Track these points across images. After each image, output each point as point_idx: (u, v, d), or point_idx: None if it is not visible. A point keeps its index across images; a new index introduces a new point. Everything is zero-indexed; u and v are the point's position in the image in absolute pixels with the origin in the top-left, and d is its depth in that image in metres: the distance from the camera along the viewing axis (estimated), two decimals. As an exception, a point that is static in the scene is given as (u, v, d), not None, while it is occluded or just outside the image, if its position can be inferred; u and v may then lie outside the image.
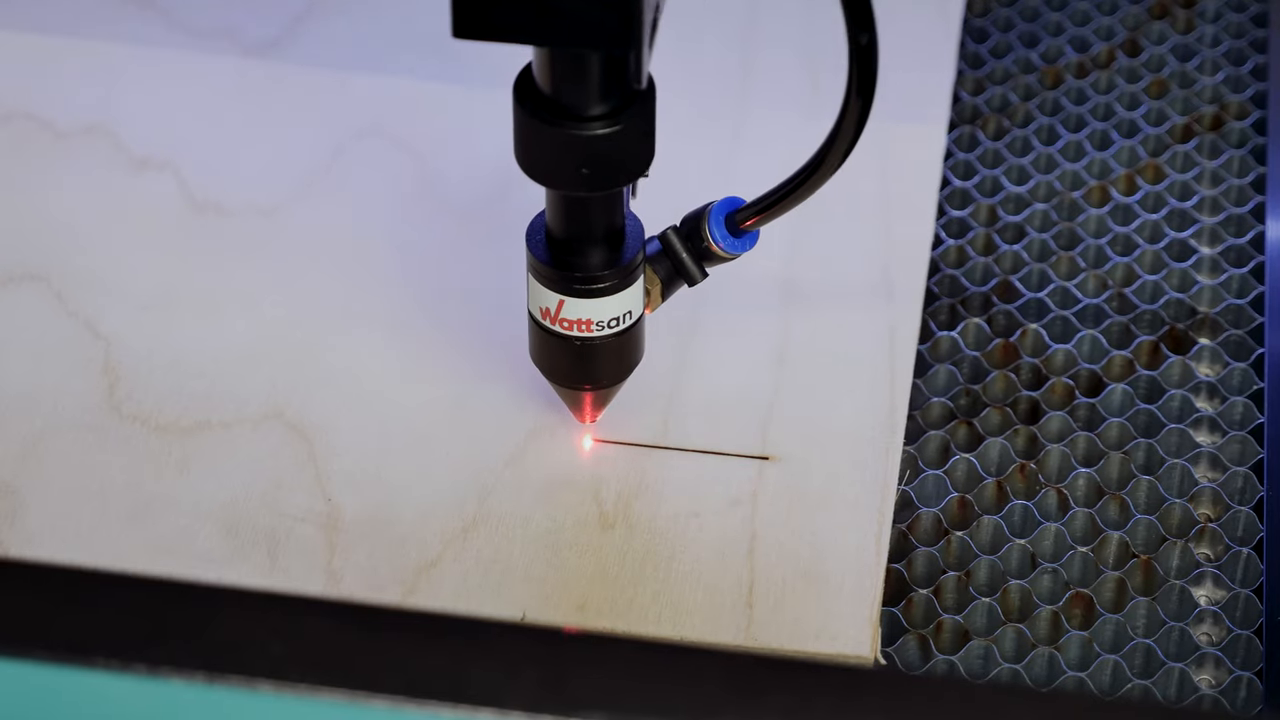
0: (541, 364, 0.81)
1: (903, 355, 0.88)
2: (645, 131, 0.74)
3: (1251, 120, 1.00)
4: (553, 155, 0.73)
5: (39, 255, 0.92)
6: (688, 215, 0.80)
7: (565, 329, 0.78)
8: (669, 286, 0.80)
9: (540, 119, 0.72)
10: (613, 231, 0.77)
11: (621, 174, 0.74)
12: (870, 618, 0.79)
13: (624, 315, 0.79)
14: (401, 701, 0.59)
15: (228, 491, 0.83)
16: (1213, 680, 0.80)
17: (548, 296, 0.78)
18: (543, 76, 0.72)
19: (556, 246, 0.77)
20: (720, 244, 0.80)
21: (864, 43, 0.71)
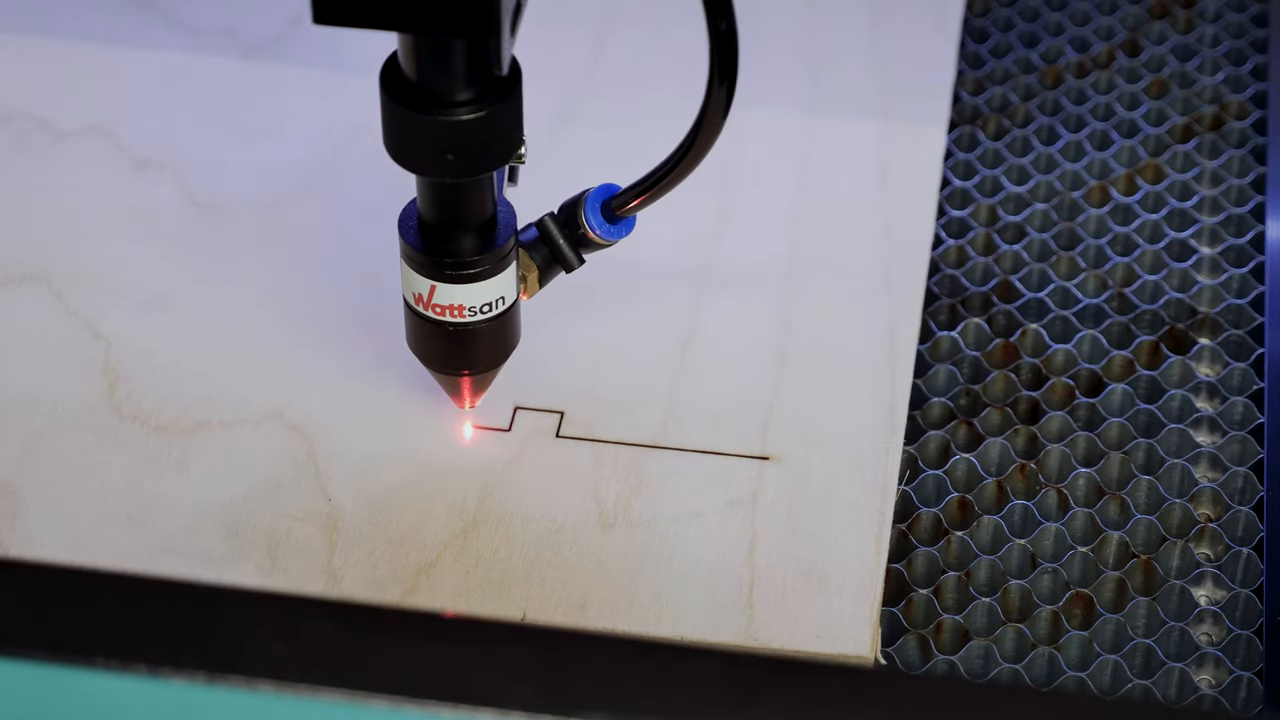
0: (417, 350, 0.82)
1: (903, 355, 0.88)
2: (510, 117, 0.74)
3: (1251, 120, 1.00)
4: (418, 142, 0.74)
5: (39, 255, 0.92)
6: (565, 202, 0.81)
7: (438, 314, 0.79)
8: (546, 273, 0.81)
9: (405, 106, 0.73)
10: (483, 217, 0.78)
11: (487, 160, 0.75)
12: (870, 618, 0.79)
13: (497, 301, 0.79)
14: (401, 701, 0.59)
15: (228, 491, 0.83)
16: (1213, 680, 0.80)
17: (419, 282, 0.79)
18: (407, 63, 0.73)
19: (428, 232, 0.78)
20: (596, 230, 0.81)
21: (723, 29, 0.72)
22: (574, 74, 1.01)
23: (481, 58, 0.72)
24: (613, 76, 1.01)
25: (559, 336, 0.89)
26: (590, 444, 0.85)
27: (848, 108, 0.99)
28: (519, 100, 0.74)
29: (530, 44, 1.03)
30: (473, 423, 0.85)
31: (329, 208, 0.94)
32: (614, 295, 0.91)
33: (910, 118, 0.99)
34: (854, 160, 0.97)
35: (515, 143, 0.75)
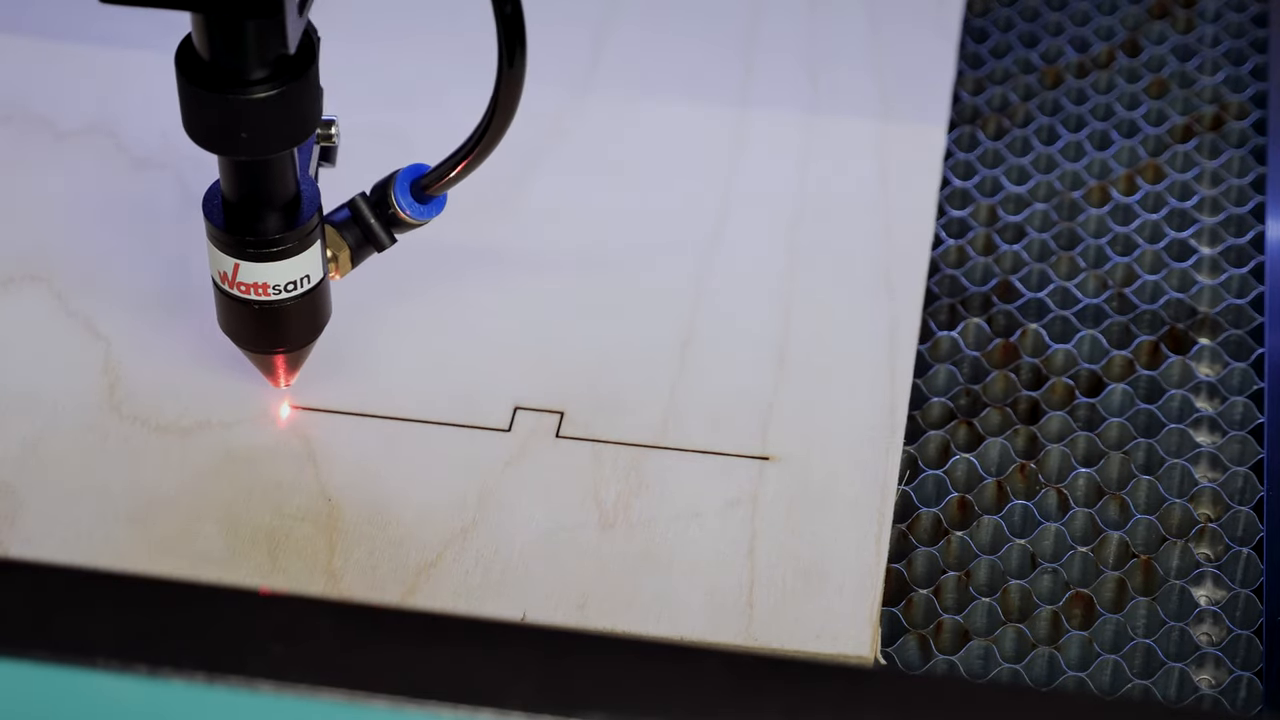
0: (227, 329, 0.82)
1: (903, 355, 0.88)
2: (304, 96, 0.75)
3: (1251, 120, 1.00)
4: (212, 121, 0.74)
5: (39, 255, 0.92)
6: (376, 183, 0.82)
7: (243, 293, 0.80)
8: (358, 253, 0.82)
9: (197, 84, 0.73)
10: (285, 196, 0.78)
11: (282, 138, 0.75)
12: (870, 618, 0.79)
13: (302, 279, 0.80)
14: (401, 701, 0.59)
15: (228, 491, 0.83)
16: (1213, 680, 0.80)
17: (224, 260, 0.79)
18: (198, 42, 0.73)
19: (230, 211, 0.78)
20: (407, 211, 0.82)
21: (509, 12, 0.74)
22: (574, 74, 1.01)
23: (270, 36, 0.72)
24: (613, 76, 1.01)
25: (559, 336, 0.89)
26: (590, 444, 0.85)
27: (848, 108, 0.99)
28: (314, 79, 0.75)
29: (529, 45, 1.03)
30: (290, 402, 0.85)
31: (328, 207, 0.94)
32: (614, 295, 0.91)
33: (910, 118, 0.99)
34: (854, 160, 0.97)
35: (312, 121, 0.76)
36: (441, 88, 0.99)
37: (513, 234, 0.94)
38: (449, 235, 0.93)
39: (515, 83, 0.76)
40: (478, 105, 0.79)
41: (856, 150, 0.98)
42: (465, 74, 0.89)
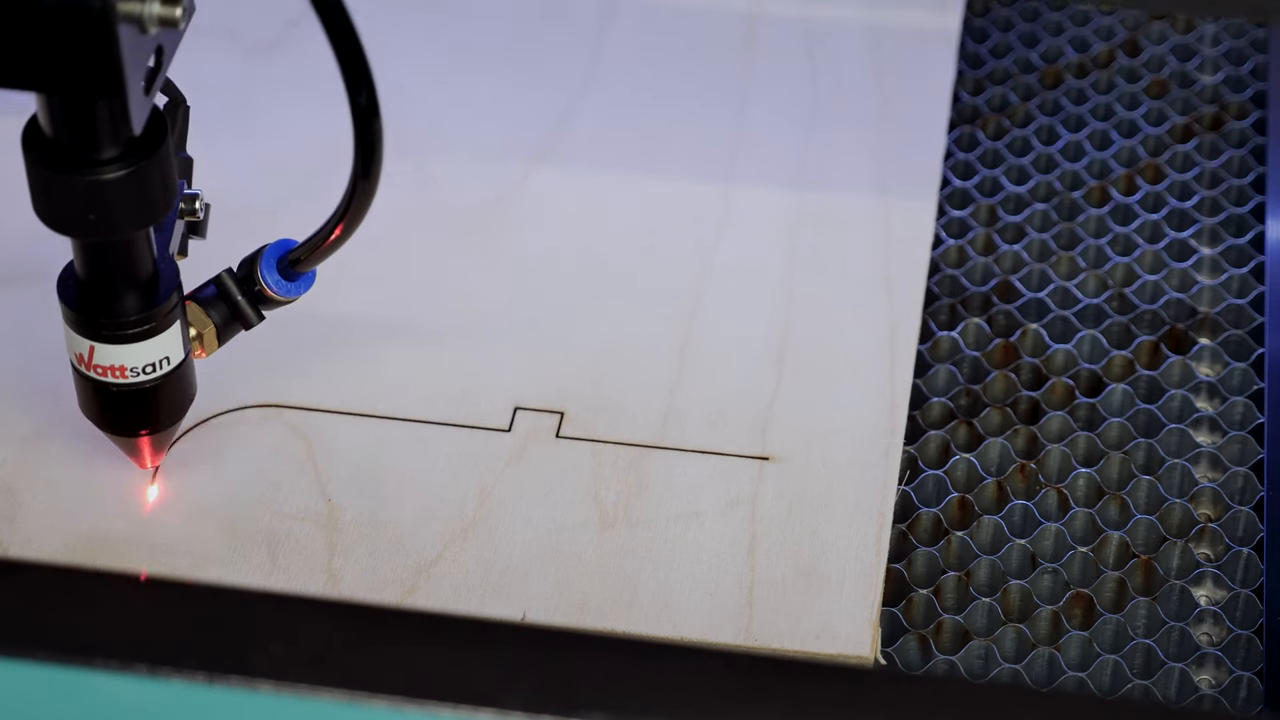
0: (86, 410, 0.79)
1: (903, 355, 0.88)
2: (154, 176, 0.71)
3: (1251, 120, 1.00)
4: (60, 201, 0.71)
5: (39, 255, 0.92)
6: (244, 259, 0.80)
7: (100, 375, 0.77)
8: (225, 330, 0.80)
9: (44, 164, 0.70)
10: (139, 276, 0.75)
11: (131, 220, 0.72)
12: (870, 618, 0.79)
13: (161, 361, 0.77)
14: (401, 702, 0.59)
15: (228, 491, 0.83)
16: (1213, 680, 0.80)
17: (79, 342, 0.76)
18: (44, 121, 0.70)
19: (84, 291, 0.75)
20: (274, 288, 0.79)
21: (363, 104, 0.72)
22: (574, 75, 1.01)
23: (114, 117, 0.69)
24: (612, 76, 1.01)
25: (559, 336, 0.89)
26: (590, 444, 0.85)
27: (848, 108, 0.99)
28: (164, 158, 0.72)
29: (529, 47, 1.03)
30: (157, 487, 0.83)
31: (328, 208, 0.94)
32: (614, 296, 0.91)
33: (910, 118, 0.99)
34: (854, 160, 0.97)
35: (165, 202, 0.72)
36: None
37: (512, 234, 0.94)
38: (448, 235, 0.93)
39: (373, 184, 0.74)
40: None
41: (856, 150, 0.98)
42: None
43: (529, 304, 0.90)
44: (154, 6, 0.65)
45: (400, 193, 0.95)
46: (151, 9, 0.65)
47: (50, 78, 0.66)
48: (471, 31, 1.03)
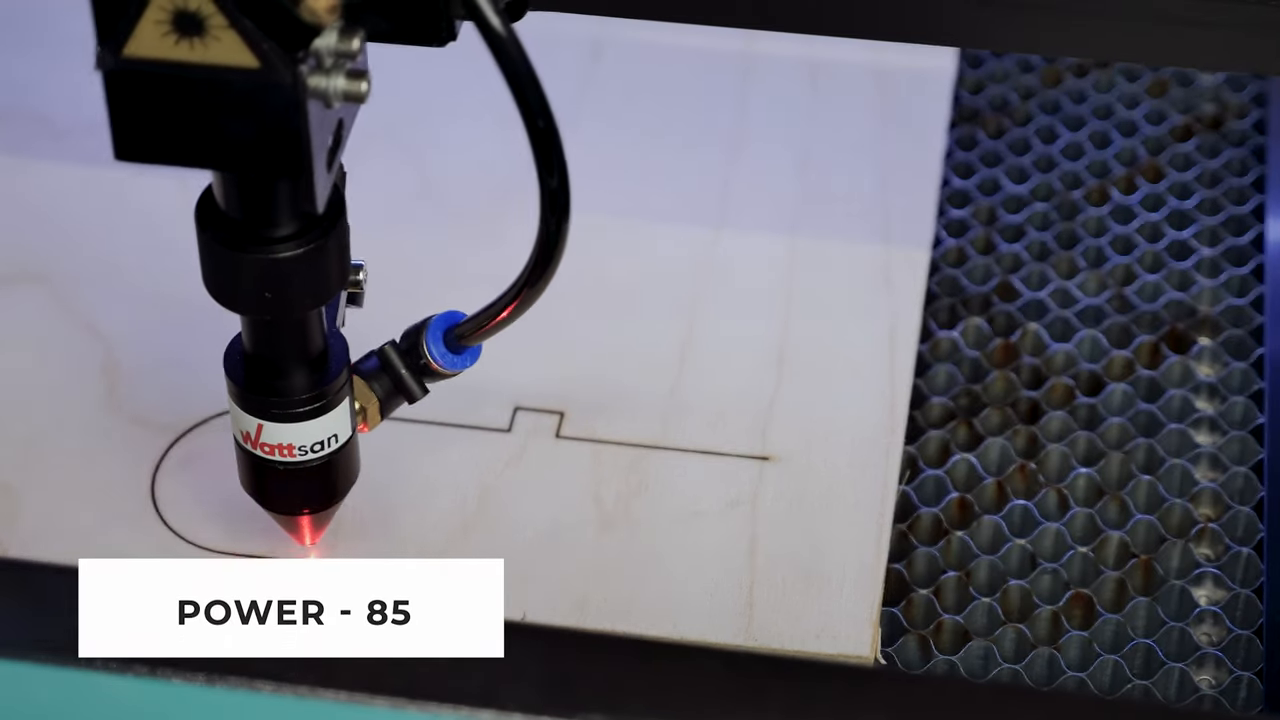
0: (249, 488, 0.78)
1: (903, 355, 0.88)
2: (332, 254, 0.70)
3: (1251, 120, 1.00)
4: (234, 279, 0.70)
5: (39, 255, 0.92)
6: (407, 330, 0.78)
7: (266, 453, 0.75)
8: (388, 403, 0.78)
9: (219, 242, 0.69)
10: (310, 353, 0.74)
11: (307, 298, 0.71)
12: (870, 618, 0.79)
13: (329, 439, 0.75)
14: (401, 702, 0.59)
15: (228, 491, 0.83)
16: (1213, 680, 0.80)
17: (246, 420, 0.75)
18: (220, 198, 0.69)
19: (252, 369, 0.74)
20: (439, 361, 0.77)
21: (553, 186, 0.69)
22: (575, 73, 1.01)
23: (297, 195, 0.68)
24: (612, 76, 1.01)
25: (559, 336, 0.89)
26: (590, 444, 0.85)
27: (848, 108, 0.99)
28: (342, 235, 0.71)
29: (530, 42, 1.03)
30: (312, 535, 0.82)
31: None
32: (614, 295, 0.91)
33: (910, 118, 0.99)
34: (854, 160, 0.97)
35: (340, 279, 0.71)
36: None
37: (512, 233, 0.94)
38: (447, 235, 0.93)
39: (558, 241, 0.71)
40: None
41: (856, 150, 0.98)
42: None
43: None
44: (339, 81, 0.64)
45: (401, 191, 0.95)
46: (337, 84, 0.64)
47: (235, 156, 0.65)
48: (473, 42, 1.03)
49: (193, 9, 0.62)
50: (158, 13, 0.63)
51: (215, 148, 0.65)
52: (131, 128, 0.65)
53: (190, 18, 0.62)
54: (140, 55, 0.64)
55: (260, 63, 0.63)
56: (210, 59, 0.63)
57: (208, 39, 0.63)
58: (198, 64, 0.63)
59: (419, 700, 0.59)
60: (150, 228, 0.93)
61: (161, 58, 0.63)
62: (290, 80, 0.63)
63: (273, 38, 0.62)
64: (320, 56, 0.63)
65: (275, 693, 0.59)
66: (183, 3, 0.62)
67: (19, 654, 0.60)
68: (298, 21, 0.63)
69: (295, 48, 0.63)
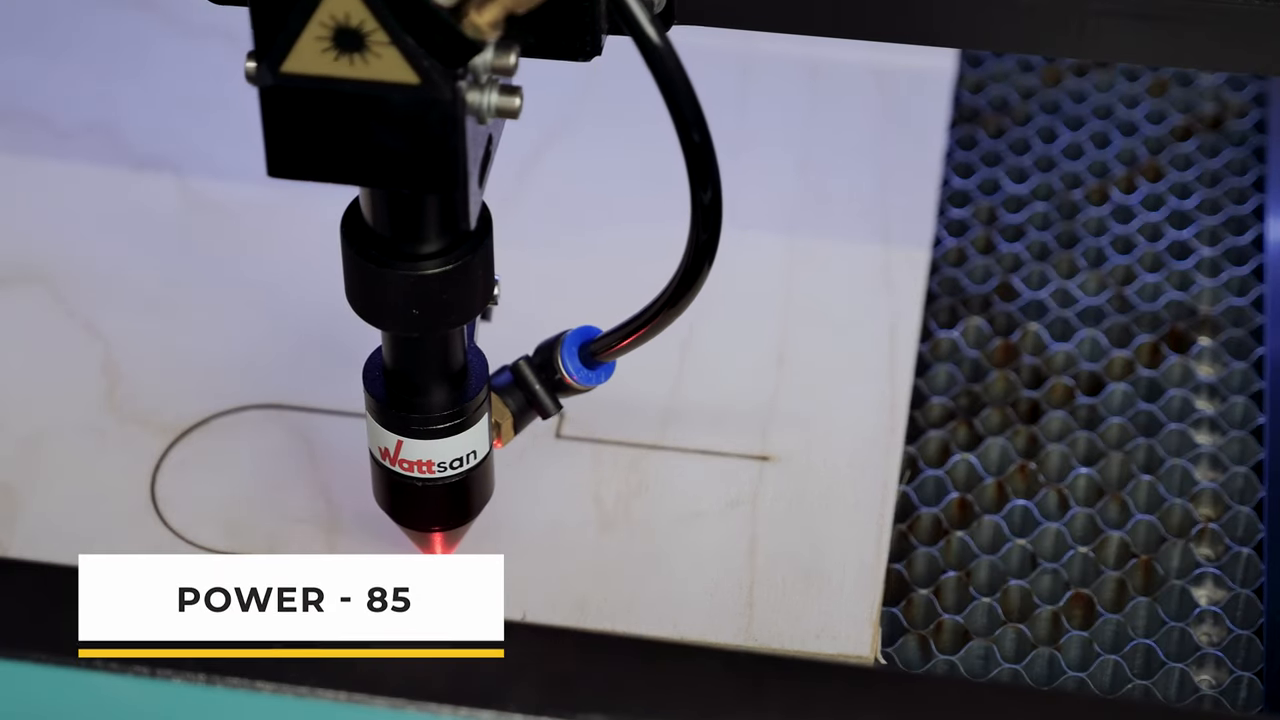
0: (383, 504, 0.77)
1: (903, 355, 0.88)
2: (479, 271, 0.70)
3: (1251, 120, 1.00)
4: (381, 295, 0.70)
5: (39, 255, 0.92)
6: (541, 345, 0.77)
7: (405, 470, 0.75)
8: (521, 419, 0.77)
9: (367, 257, 0.69)
10: (451, 371, 0.73)
11: (454, 315, 0.70)
12: (870, 618, 0.79)
13: (468, 455, 0.75)
14: (401, 702, 0.59)
15: (228, 491, 0.83)
16: (1213, 680, 0.80)
17: (385, 436, 0.74)
18: (369, 214, 0.69)
19: (393, 385, 0.74)
20: (574, 376, 0.76)
21: (706, 201, 0.68)
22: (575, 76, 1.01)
23: (446, 209, 0.68)
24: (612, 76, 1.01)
25: (559, 336, 0.89)
26: (590, 444, 0.85)
27: (848, 108, 0.99)
28: (488, 251, 0.70)
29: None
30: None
31: (328, 207, 0.94)
32: (613, 295, 0.91)
33: (910, 118, 0.99)
34: (854, 160, 0.97)
35: (485, 295, 0.71)
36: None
37: (512, 233, 0.94)
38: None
39: (708, 257, 0.70)
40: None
41: (856, 150, 0.98)
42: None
43: (528, 304, 0.90)
44: (493, 97, 0.64)
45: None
46: (491, 99, 0.64)
47: (390, 172, 0.64)
48: None
49: (354, 25, 0.61)
50: (318, 29, 0.62)
51: (370, 164, 0.64)
52: (286, 144, 0.64)
53: (352, 34, 0.62)
54: (298, 71, 0.62)
55: (420, 79, 0.62)
56: (369, 75, 0.62)
57: (368, 55, 0.62)
58: (357, 80, 0.62)
59: (419, 700, 0.59)
60: (150, 228, 0.93)
61: (320, 74, 0.62)
62: (449, 96, 0.62)
63: (433, 54, 0.62)
64: (476, 72, 0.63)
65: (275, 693, 0.59)
66: (344, 19, 0.62)
67: (19, 654, 0.60)
68: (460, 38, 0.62)
69: (455, 64, 0.62)
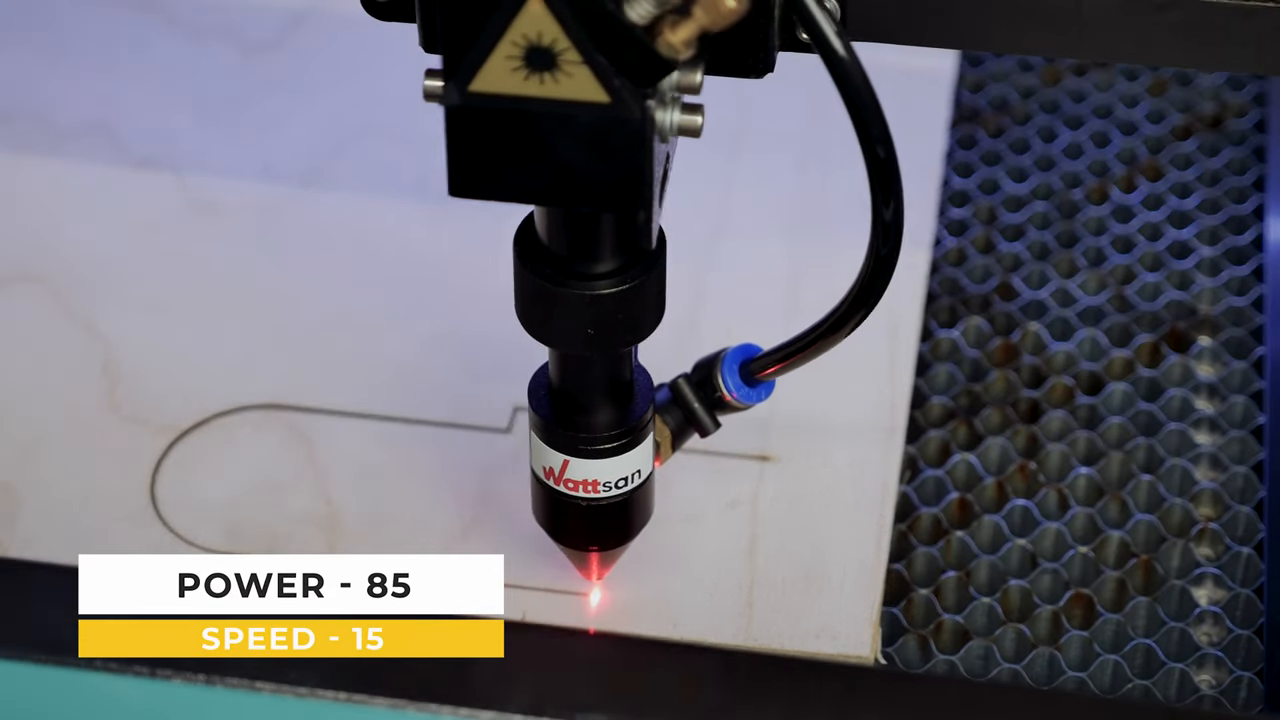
0: (544, 522, 0.77)
1: (903, 355, 0.88)
2: (656, 291, 0.70)
3: (1251, 119, 1.00)
4: (556, 314, 0.69)
5: (39, 255, 0.92)
6: (699, 362, 0.76)
7: (570, 489, 0.75)
8: (679, 437, 0.76)
9: (542, 276, 0.68)
10: (620, 389, 0.73)
11: (629, 334, 0.70)
12: (870, 618, 0.79)
13: (632, 475, 0.74)
14: (401, 702, 0.59)
15: (228, 492, 0.83)
16: (1213, 680, 0.80)
17: (551, 455, 0.74)
18: (546, 232, 0.68)
19: (561, 404, 0.73)
20: (734, 394, 0.75)
21: (888, 218, 0.67)
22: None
23: (623, 228, 0.67)
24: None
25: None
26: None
27: (847, 107, 0.99)
28: (663, 270, 0.70)
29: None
30: (599, 591, 0.80)
31: (328, 207, 0.94)
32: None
33: (910, 118, 0.99)
34: (854, 160, 0.97)
35: (658, 316, 0.71)
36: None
37: (513, 233, 0.94)
38: (448, 235, 0.93)
39: (885, 276, 0.69)
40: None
41: (856, 150, 0.97)
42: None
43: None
44: (676, 115, 0.63)
45: (400, 191, 0.95)
46: (674, 117, 0.63)
47: (574, 192, 0.64)
48: None
49: (547, 44, 0.61)
50: (510, 48, 0.61)
51: (554, 183, 0.64)
52: (469, 164, 0.64)
53: (544, 53, 0.61)
54: (487, 90, 0.62)
55: (610, 98, 0.61)
56: (559, 94, 0.62)
57: (559, 74, 0.61)
58: (545, 99, 0.62)
59: (419, 700, 0.59)
60: (150, 228, 0.93)
61: (509, 93, 0.62)
62: (639, 115, 0.62)
63: (623, 73, 0.61)
64: (661, 90, 0.63)
65: (275, 693, 0.59)
66: (537, 38, 0.61)
67: (19, 654, 0.60)
68: (653, 56, 0.61)
69: (646, 83, 0.62)
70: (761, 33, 0.67)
